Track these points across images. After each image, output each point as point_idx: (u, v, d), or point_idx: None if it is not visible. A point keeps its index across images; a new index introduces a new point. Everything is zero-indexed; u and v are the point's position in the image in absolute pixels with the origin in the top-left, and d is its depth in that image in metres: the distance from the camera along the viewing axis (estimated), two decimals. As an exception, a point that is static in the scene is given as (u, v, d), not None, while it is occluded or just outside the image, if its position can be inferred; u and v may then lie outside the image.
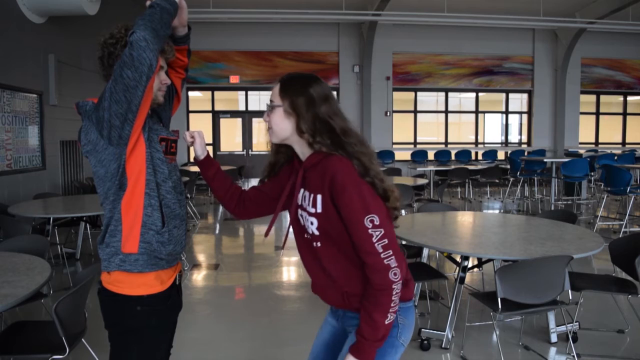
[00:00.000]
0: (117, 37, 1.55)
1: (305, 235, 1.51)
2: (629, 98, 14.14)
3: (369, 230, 1.37)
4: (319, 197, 1.43)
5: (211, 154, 10.05)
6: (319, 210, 1.44)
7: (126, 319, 1.58)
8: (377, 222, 1.37)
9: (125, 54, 1.40)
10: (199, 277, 4.99)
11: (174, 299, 1.69)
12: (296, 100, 1.46)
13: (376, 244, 1.38)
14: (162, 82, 1.64)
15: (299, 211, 1.52)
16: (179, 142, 1.73)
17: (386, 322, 1.39)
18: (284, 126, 1.49)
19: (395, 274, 1.38)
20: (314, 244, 1.50)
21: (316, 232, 1.47)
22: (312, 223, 1.47)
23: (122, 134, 1.46)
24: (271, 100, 1.51)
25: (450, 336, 3.22)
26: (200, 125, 12.67)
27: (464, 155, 12.59)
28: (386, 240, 1.38)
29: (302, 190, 1.50)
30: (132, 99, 1.41)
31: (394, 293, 1.39)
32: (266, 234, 1.82)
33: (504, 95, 13.70)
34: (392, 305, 1.39)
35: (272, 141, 1.57)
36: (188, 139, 1.73)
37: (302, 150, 1.52)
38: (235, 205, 1.75)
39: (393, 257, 1.38)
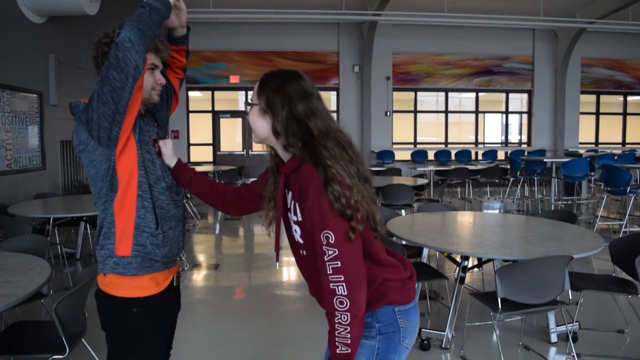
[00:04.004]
0: (111, 36, 1.53)
1: (295, 241, 1.47)
2: (629, 98, 14.13)
3: (323, 247, 1.30)
4: (297, 204, 1.38)
5: (210, 155, 10.01)
6: (300, 218, 1.39)
7: (122, 320, 1.58)
8: (331, 240, 1.28)
9: (111, 55, 1.39)
10: (199, 277, 4.99)
11: (171, 300, 1.68)
12: (272, 98, 1.40)
13: (327, 263, 1.30)
14: (158, 81, 1.63)
15: (289, 215, 1.46)
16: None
17: (335, 343, 1.32)
18: (261, 125, 1.44)
19: (341, 303, 1.29)
20: (301, 251, 1.46)
21: (300, 241, 1.43)
22: (296, 231, 1.43)
23: (111, 135, 1.45)
24: (250, 99, 1.48)
25: (450, 336, 3.22)
26: (200, 125, 12.68)
27: (464, 155, 12.59)
28: (338, 263, 1.29)
29: (290, 194, 1.43)
30: (119, 100, 1.40)
31: (335, 321, 1.30)
32: (276, 249, 1.55)
33: (504, 95, 13.70)
34: (336, 333, 1.31)
35: (253, 141, 1.52)
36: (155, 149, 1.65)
37: (281, 152, 1.47)
38: (222, 203, 1.73)
39: (343, 284, 1.28)
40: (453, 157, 12.57)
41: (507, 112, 13.86)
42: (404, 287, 1.46)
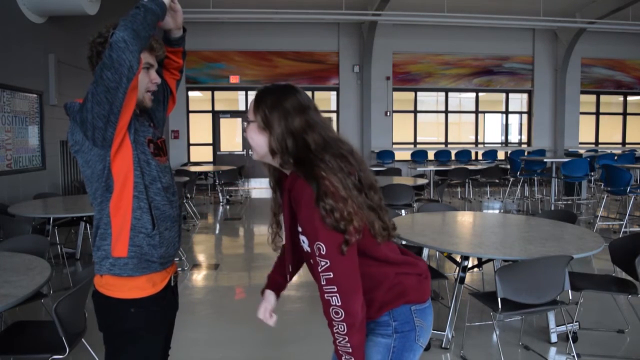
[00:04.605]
0: (105, 36, 1.53)
1: (305, 251, 1.46)
2: (629, 98, 14.14)
3: (317, 258, 1.31)
4: None
5: (210, 155, 9.96)
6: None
7: (120, 321, 1.58)
8: (323, 252, 1.29)
9: (105, 55, 1.38)
10: (199, 277, 4.99)
11: (169, 300, 1.68)
12: (269, 115, 1.39)
13: (321, 274, 1.31)
14: (153, 80, 1.63)
15: (297, 228, 1.45)
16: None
17: (339, 352, 1.34)
18: (259, 141, 1.43)
19: (336, 313, 1.31)
20: (311, 260, 1.46)
21: (309, 250, 1.42)
22: (303, 241, 1.43)
23: (106, 135, 1.44)
24: (247, 116, 1.47)
25: (450, 336, 3.22)
26: (200, 125, 12.68)
27: (464, 155, 12.59)
28: (330, 274, 1.30)
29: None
30: (114, 100, 1.39)
31: (334, 331, 1.33)
32: (288, 272, 1.59)
33: (504, 95, 13.70)
34: (337, 343, 1.33)
35: (253, 158, 1.51)
36: (271, 322, 1.69)
37: (281, 169, 1.47)
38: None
39: (337, 294, 1.30)
40: (453, 157, 12.57)
41: (507, 112, 13.86)
42: (420, 286, 1.47)
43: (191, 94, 12.73)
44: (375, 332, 1.43)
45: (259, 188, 12.52)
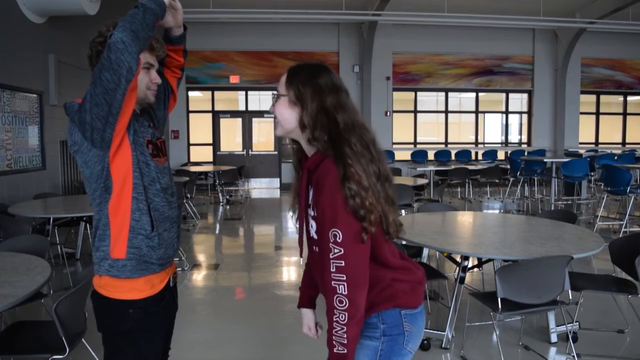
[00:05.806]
0: (105, 35, 1.51)
1: (310, 237, 1.46)
2: (629, 98, 14.13)
3: (330, 244, 1.30)
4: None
5: (210, 155, 10.01)
6: (316, 213, 1.37)
7: (118, 322, 1.57)
8: (339, 239, 1.29)
9: (103, 57, 1.37)
10: (199, 277, 4.99)
11: (168, 301, 1.67)
12: (302, 90, 1.38)
13: (331, 261, 1.30)
14: (153, 80, 1.62)
15: (309, 211, 1.44)
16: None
17: (333, 342, 1.33)
18: (288, 116, 1.42)
19: (340, 302, 1.30)
20: (314, 247, 1.45)
21: (315, 236, 1.42)
22: (312, 226, 1.42)
23: (104, 136, 1.43)
24: (277, 90, 1.45)
25: (450, 336, 3.22)
26: (200, 125, 12.67)
27: (464, 155, 12.59)
28: (342, 263, 1.29)
29: (312, 190, 1.41)
30: (112, 101, 1.39)
31: (334, 319, 1.31)
32: (299, 244, 1.54)
33: (504, 95, 13.70)
34: (334, 332, 1.32)
35: (276, 134, 1.49)
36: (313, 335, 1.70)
37: (305, 146, 1.46)
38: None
39: (345, 283, 1.29)
40: (453, 157, 12.57)
41: (507, 112, 13.86)
42: (413, 291, 1.45)
43: (191, 94, 12.73)
44: (363, 333, 1.41)
45: (259, 188, 12.53)
